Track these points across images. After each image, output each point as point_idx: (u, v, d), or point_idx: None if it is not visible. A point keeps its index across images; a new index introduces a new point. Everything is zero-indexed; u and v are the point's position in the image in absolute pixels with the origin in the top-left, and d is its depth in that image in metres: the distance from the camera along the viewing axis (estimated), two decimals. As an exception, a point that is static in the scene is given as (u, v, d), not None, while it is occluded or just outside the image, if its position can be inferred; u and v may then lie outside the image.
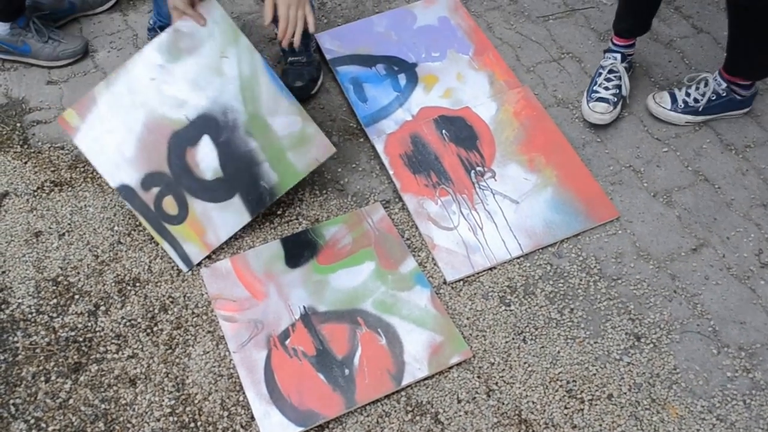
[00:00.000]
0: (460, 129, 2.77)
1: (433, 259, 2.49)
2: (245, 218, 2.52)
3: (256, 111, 2.48)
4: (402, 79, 2.94)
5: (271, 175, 2.52)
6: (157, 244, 2.55)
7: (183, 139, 2.46)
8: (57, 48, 3.05)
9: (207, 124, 2.46)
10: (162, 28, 2.66)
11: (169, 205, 2.48)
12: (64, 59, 3.07)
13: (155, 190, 2.47)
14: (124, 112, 2.43)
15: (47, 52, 3.05)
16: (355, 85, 2.92)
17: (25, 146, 2.85)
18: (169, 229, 2.49)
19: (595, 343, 2.31)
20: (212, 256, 2.53)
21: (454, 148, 2.72)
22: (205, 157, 2.48)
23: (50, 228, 2.62)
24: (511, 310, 2.38)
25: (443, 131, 2.76)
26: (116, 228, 2.61)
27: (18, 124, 2.92)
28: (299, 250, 2.51)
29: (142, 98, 2.44)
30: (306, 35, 2.47)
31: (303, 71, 2.88)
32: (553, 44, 3.10)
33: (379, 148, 2.73)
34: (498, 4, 3.25)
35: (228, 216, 2.51)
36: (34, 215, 2.65)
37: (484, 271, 2.46)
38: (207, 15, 2.43)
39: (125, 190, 2.46)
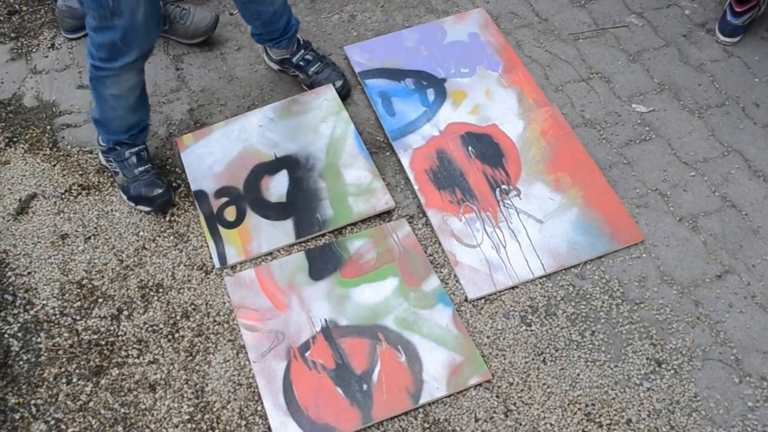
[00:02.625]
0: (486, 146, 2.76)
1: (455, 276, 2.48)
2: (290, 238, 2.59)
3: (334, 162, 2.77)
4: (430, 94, 2.94)
5: (327, 211, 2.65)
6: (181, 251, 2.57)
7: (265, 169, 2.78)
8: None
9: (289, 162, 2.79)
10: (118, 144, 2.65)
11: (230, 212, 2.67)
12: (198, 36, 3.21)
13: (224, 199, 2.70)
14: (228, 142, 2.84)
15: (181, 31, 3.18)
16: (383, 98, 2.92)
17: (55, 149, 2.87)
18: (220, 230, 2.62)
19: (615, 366, 2.29)
20: (237, 266, 2.54)
21: (480, 165, 2.71)
22: (277, 185, 2.73)
23: (76, 231, 2.64)
24: (531, 331, 2.37)
25: (469, 148, 2.76)
26: (141, 233, 2.62)
27: (48, 127, 2.95)
28: (323, 262, 2.52)
29: (246, 136, 2.85)
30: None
31: (331, 74, 3.00)
32: (582, 64, 3.08)
33: (405, 162, 2.73)
34: (528, 22, 3.24)
35: (276, 233, 2.61)
36: (61, 218, 2.67)
37: (506, 289, 2.45)
38: (322, 93, 2.92)
39: (200, 195, 2.71)
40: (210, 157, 2.79)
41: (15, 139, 2.92)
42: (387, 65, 3.04)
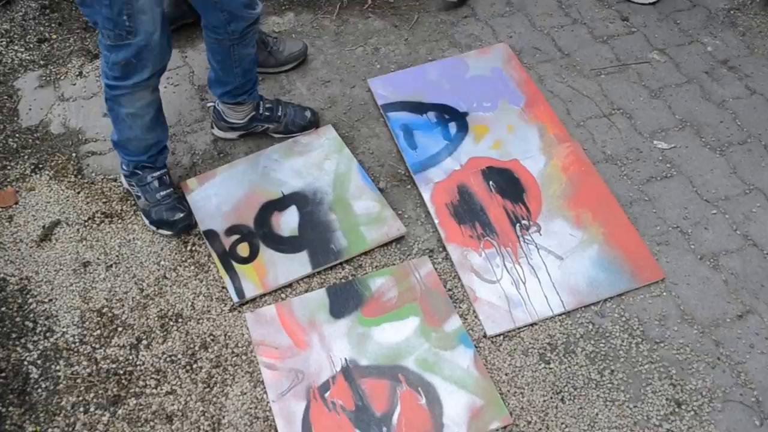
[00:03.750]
0: (507, 181, 2.73)
1: (474, 311, 2.43)
2: (307, 269, 2.56)
3: (342, 195, 2.76)
4: (452, 127, 2.91)
5: (341, 241, 2.63)
6: (201, 281, 2.54)
7: (273, 206, 2.76)
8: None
9: (297, 198, 2.78)
10: (139, 167, 2.64)
11: (243, 249, 2.63)
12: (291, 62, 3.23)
13: (235, 237, 2.66)
14: (234, 183, 2.81)
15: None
16: (405, 131, 2.90)
17: (79, 176, 2.86)
18: (234, 266, 2.58)
19: (634, 407, 2.23)
20: (258, 302, 2.50)
21: (501, 200, 2.67)
22: (288, 220, 2.71)
23: (98, 259, 2.62)
24: (550, 368, 2.32)
25: (490, 182, 2.72)
26: (162, 263, 2.60)
27: (73, 154, 2.94)
28: (344, 300, 2.48)
29: (251, 177, 2.83)
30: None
31: (296, 109, 2.96)
32: (604, 99, 3.04)
33: (426, 196, 2.70)
34: (550, 57, 3.21)
35: (292, 265, 2.57)
36: (84, 245, 2.65)
37: (525, 326, 2.40)
38: (323, 133, 2.94)
39: (210, 234, 2.67)
40: (216, 199, 2.77)
41: (41, 166, 2.91)
42: (410, 98, 3.02)
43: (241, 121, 2.87)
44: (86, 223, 2.72)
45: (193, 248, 2.64)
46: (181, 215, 2.65)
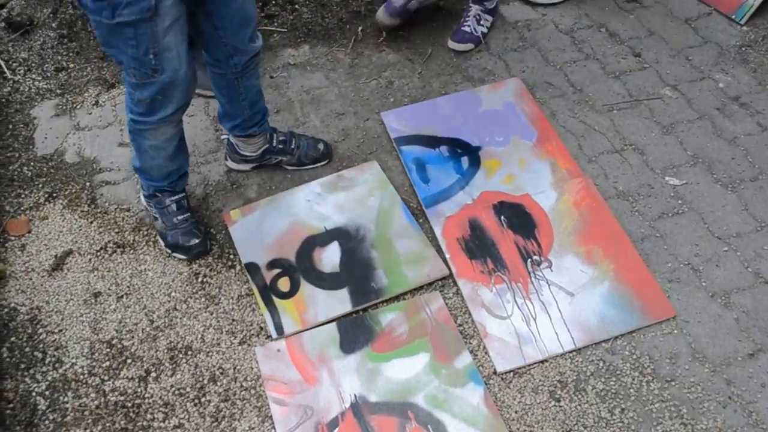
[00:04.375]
0: (518, 216, 2.69)
1: (484, 348, 2.39)
2: (347, 307, 2.51)
3: (384, 232, 2.72)
4: (465, 162, 2.88)
5: (382, 280, 2.58)
6: (212, 314, 2.51)
7: (316, 241, 2.72)
8: None
9: (340, 234, 2.73)
10: (158, 190, 2.63)
11: (283, 283, 2.59)
12: None
13: (276, 271, 2.63)
14: (277, 216, 2.79)
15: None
16: (418, 165, 2.87)
17: (93, 206, 2.84)
18: (275, 301, 2.54)
19: (645, 447, 2.18)
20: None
21: (512, 236, 2.64)
22: (330, 256, 2.66)
23: (109, 289, 2.59)
24: (560, 407, 2.27)
25: (502, 217, 2.69)
26: (173, 294, 2.57)
27: (87, 184, 2.92)
28: (355, 335, 2.44)
29: (295, 210, 2.81)
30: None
31: (309, 140, 2.95)
32: (616, 135, 3.01)
33: (438, 230, 2.67)
34: (563, 92, 3.18)
35: (332, 302, 2.53)
36: (95, 275, 2.63)
37: (535, 363, 2.36)
38: (368, 169, 2.91)
39: (251, 267, 2.63)
40: (259, 231, 2.73)
41: (54, 195, 2.89)
42: (422, 132, 2.99)
43: (254, 154, 2.86)
44: (98, 253, 2.70)
45: (204, 280, 2.61)
46: (197, 241, 2.64)
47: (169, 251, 2.67)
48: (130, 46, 2.07)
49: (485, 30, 3.38)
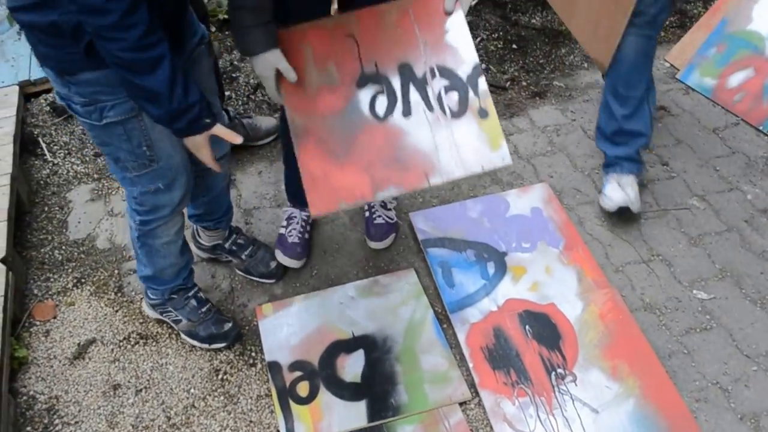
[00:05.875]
0: (544, 326, 2.57)
1: (505, 464, 2.25)
2: (362, 421, 2.38)
3: (411, 346, 2.57)
4: (491, 267, 2.77)
5: (402, 396, 2.44)
6: (229, 413, 2.39)
7: (341, 346, 2.59)
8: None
9: (366, 342, 2.60)
10: (174, 292, 2.56)
11: (303, 388, 2.47)
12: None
13: (298, 373, 2.51)
14: (308, 315, 2.67)
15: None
16: (444, 268, 2.76)
17: (119, 294, 2.75)
18: (291, 406, 2.42)
19: None
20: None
21: (537, 346, 2.51)
22: (353, 364, 2.53)
23: (129, 382, 2.48)
24: None
25: (527, 327, 2.56)
26: (192, 390, 2.46)
27: (116, 271, 2.84)
28: (371, 446, 2.30)
29: (326, 311, 2.69)
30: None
31: (264, 254, 2.83)
32: (643, 245, 2.89)
33: (461, 337, 2.55)
34: (591, 199, 3.08)
35: (349, 414, 2.41)
36: (116, 367, 2.53)
37: (557, 483, 2.21)
38: (404, 277, 2.79)
39: (274, 366, 2.52)
40: (288, 329, 2.63)
41: (83, 280, 2.81)
42: (450, 235, 2.89)
43: (207, 245, 2.79)
44: (121, 344, 2.60)
45: (225, 377, 2.49)
46: (230, 324, 2.58)
47: (207, 345, 2.57)
48: (123, 141, 2.03)
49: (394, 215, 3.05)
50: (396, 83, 2.11)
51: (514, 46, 3.92)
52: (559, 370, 2.45)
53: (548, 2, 3.07)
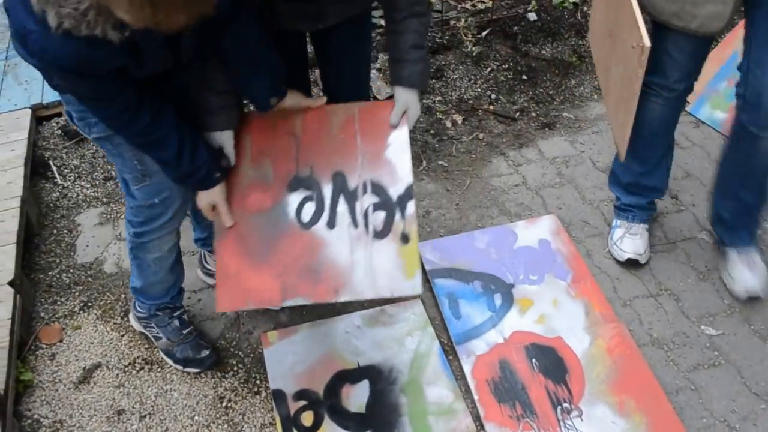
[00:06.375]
0: (550, 360, 2.54)
1: (509, 500, 2.21)
2: None
3: (417, 377, 2.54)
4: (497, 299, 2.74)
5: (407, 428, 2.41)
6: (234, 443, 2.36)
7: (347, 376, 2.55)
8: None
9: (372, 372, 2.56)
10: (160, 309, 2.56)
11: (307, 417, 2.44)
12: None
13: (302, 402, 2.47)
14: (313, 344, 2.63)
15: None
16: (450, 299, 2.74)
17: (125, 319, 2.74)
18: None
19: None
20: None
21: (543, 380, 2.48)
22: (358, 395, 2.50)
23: (133, 408, 2.46)
24: None
25: (533, 360, 2.53)
26: (197, 417, 2.44)
27: (123, 295, 2.83)
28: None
29: (332, 340, 2.64)
30: None
31: None
32: (651, 278, 2.86)
33: (467, 369, 2.52)
34: (599, 232, 3.05)
35: None
36: (121, 392, 2.51)
37: None
38: (411, 307, 2.73)
39: (278, 395, 2.48)
40: (293, 357, 2.59)
41: (90, 304, 2.80)
42: (457, 266, 2.87)
43: (213, 269, 2.76)
44: (126, 369, 2.58)
45: (229, 405, 2.47)
46: (208, 351, 2.56)
47: (181, 367, 2.56)
48: (115, 155, 2.09)
49: None
50: (327, 191, 2.18)
51: (524, 76, 3.91)
52: (565, 405, 2.42)
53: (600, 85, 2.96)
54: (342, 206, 2.17)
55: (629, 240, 2.88)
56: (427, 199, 3.22)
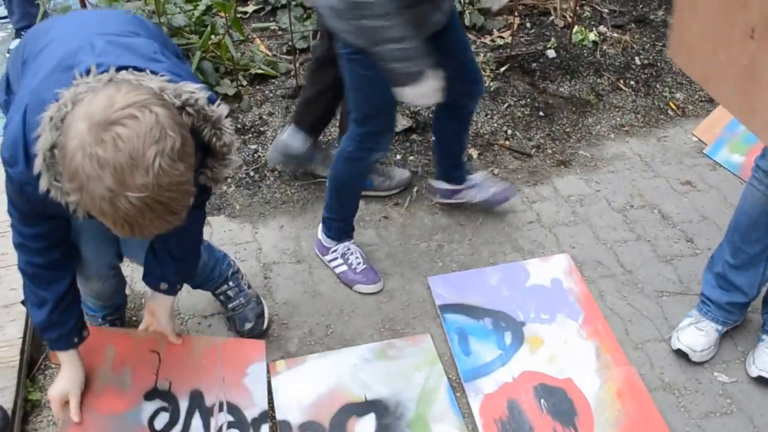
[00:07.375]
0: (559, 401, 2.48)
1: None
2: None
3: (424, 414, 2.48)
4: (508, 336, 2.70)
5: None
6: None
7: (353, 409, 2.50)
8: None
9: (378, 406, 2.51)
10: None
11: None
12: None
13: None
14: (321, 375, 2.59)
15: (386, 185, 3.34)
16: (460, 335, 2.69)
17: (134, 341, 2.70)
18: None
19: None
20: None
21: (551, 422, 2.42)
22: (364, 428, 2.44)
23: None
24: None
25: (542, 401, 2.48)
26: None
27: (134, 318, 2.80)
28: None
29: (340, 372, 2.60)
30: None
31: (247, 313, 2.72)
32: (664, 323, 2.81)
33: (475, 407, 2.47)
34: (612, 273, 3.01)
35: None
36: (126, 417, 2.47)
37: None
38: (420, 342, 2.70)
39: (284, 426, 2.43)
40: (301, 386, 2.54)
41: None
42: (468, 302, 2.83)
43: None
44: (132, 394, 2.54)
45: None
46: None
47: None
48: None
49: None
50: (183, 405, 2.30)
51: (541, 113, 3.89)
52: (573, 449, 2.36)
53: (724, 107, 2.62)
54: (197, 420, 2.29)
55: (692, 332, 2.67)
56: (440, 233, 3.18)
